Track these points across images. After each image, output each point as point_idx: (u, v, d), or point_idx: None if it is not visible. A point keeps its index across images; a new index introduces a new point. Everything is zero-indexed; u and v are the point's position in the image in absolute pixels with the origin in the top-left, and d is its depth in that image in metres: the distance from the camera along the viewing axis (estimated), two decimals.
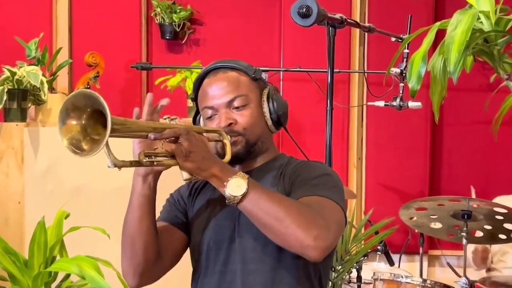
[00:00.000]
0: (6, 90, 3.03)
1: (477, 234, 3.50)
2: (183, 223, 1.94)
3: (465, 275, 3.35)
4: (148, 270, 1.83)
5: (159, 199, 1.85)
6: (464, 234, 3.38)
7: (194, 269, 1.94)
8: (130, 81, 4.21)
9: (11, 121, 3.07)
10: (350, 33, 4.34)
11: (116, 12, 4.26)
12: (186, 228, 1.94)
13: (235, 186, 1.65)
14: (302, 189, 1.77)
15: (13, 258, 2.61)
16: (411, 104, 3.17)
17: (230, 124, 1.85)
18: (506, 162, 4.49)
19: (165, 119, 1.72)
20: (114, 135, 1.55)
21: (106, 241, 2.57)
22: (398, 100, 3.17)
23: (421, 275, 3.91)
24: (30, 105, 3.18)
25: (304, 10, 2.40)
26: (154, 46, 4.34)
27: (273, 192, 1.73)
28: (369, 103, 3.42)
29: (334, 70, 2.67)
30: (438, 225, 3.56)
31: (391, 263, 3.57)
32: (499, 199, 4.03)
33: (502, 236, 3.45)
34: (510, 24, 1.64)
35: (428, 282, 3.34)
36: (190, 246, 1.94)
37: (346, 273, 3.25)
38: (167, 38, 4.28)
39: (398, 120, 4.31)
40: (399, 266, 3.90)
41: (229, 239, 1.84)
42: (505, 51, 1.70)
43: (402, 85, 3.18)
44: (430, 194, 4.41)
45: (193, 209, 1.94)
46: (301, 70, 3.49)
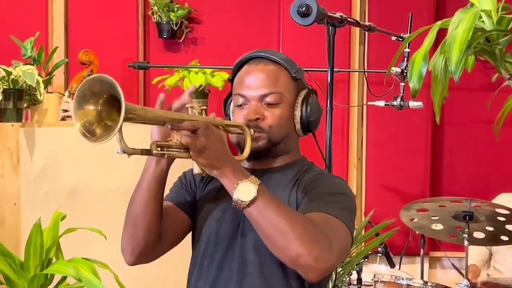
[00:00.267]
0: (1, 90, 3.01)
1: (478, 235, 3.48)
2: (190, 206, 1.90)
3: (466, 277, 3.34)
4: (146, 250, 1.81)
5: (168, 184, 1.82)
6: (465, 235, 3.36)
7: (192, 255, 1.91)
8: (127, 80, 4.18)
9: (7, 121, 3.05)
10: (350, 32, 4.32)
11: (112, 10, 4.24)
12: (192, 211, 1.91)
13: (245, 191, 1.62)
14: (314, 203, 1.73)
15: (8, 260, 2.60)
16: (412, 104, 3.15)
17: (257, 119, 1.82)
18: (508, 163, 4.47)
19: (202, 110, 1.68)
20: (130, 122, 1.51)
21: (103, 242, 2.56)
22: (398, 99, 3.15)
23: (422, 277, 3.89)
24: (26, 105, 3.15)
25: (303, 9, 2.38)
26: (151, 45, 4.32)
27: (282, 203, 1.68)
28: (369, 103, 3.40)
29: (334, 70, 2.64)
30: (439, 226, 3.55)
31: (392, 265, 3.55)
32: (502, 196, 4.02)
33: (504, 237, 3.44)
34: None
35: (429, 284, 3.33)
36: (192, 231, 1.91)
37: (347, 275, 3.23)
38: (165, 37, 4.26)
39: (399, 120, 4.29)
40: (400, 268, 3.89)
41: (230, 237, 1.81)
42: (507, 51, 1.70)
43: (402, 84, 3.15)
44: (431, 195, 4.39)
45: (202, 194, 1.91)
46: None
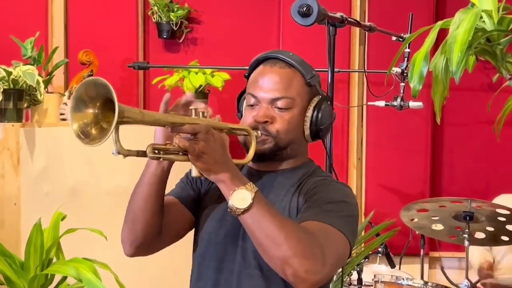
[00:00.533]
0: (1, 90, 3.00)
1: (479, 235, 3.48)
2: (194, 203, 1.90)
3: (467, 277, 3.34)
4: (146, 244, 1.81)
5: (169, 182, 1.80)
6: (466, 235, 3.36)
7: (193, 253, 1.91)
8: (127, 80, 4.18)
9: (7, 121, 3.04)
10: (350, 32, 4.32)
11: (112, 11, 4.24)
12: (196, 209, 1.90)
13: (240, 198, 1.62)
14: (313, 211, 1.71)
15: (9, 260, 2.61)
16: (412, 104, 3.15)
17: (266, 121, 1.81)
18: (508, 163, 4.46)
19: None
20: (129, 125, 1.50)
21: (103, 242, 2.55)
22: (398, 100, 3.14)
23: (422, 277, 3.89)
24: (26, 105, 3.15)
25: (304, 9, 2.37)
26: (151, 45, 4.32)
27: (277, 212, 1.67)
28: (369, 103, 3.39)
29: (334, 70, 2.64)
30: (439, 226, 3.55)
31: (392, 265, 3.55)
32: (502, 197, 4.01)
33: (505, 237, 3.43)
34: None
35: (429, 284, 3.32)
36: (195, 228, 1.91)
37: (347, 275, 3.23)
38: (164, 37, 4.26)
39: (399, 120, 4.29)
40: (400, 268, 3.88)
41: (231, 237, 1.81)
42: (508, 51, 1.70)
43: (403, 84, 3.15)
44: (431, 195, 4.39)
45: (207, 192, 1.90)
46: None
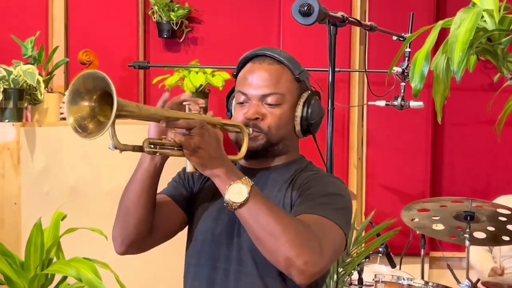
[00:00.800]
0: (2, 89, 3.00)
1: (480, 235, 3.47)
2: (187, 202, 1.89)
3: (467, 277, 3.33)
4: (137, 242, 1.80)
5: (162, 180, 1.80)
6: (466, 235, 3.36)
7: (187, 253, 1.90)
8: (127, 80, 4.18)
9: (7, 121, 3.04)
10: (351, 31, 4.31)
11: (113, 10, 4.24)
12: (188, 208, 1.89)
13: (236, 192, 1.62)
14: (307, 204, 1.72)
15: (9, 260, 2.61)
16: (413, 103, 3.14)
17: (257, 118, 1.81)
18: (509, 163, 4.46)
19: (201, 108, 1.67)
20: (125, 119, 1.51)
21: (103, 242, 2.54)
22: (399, 99, 3.14)
23: (422, 277, 3.89)
24: (26, 104, 3.15)
25: (305, 8, 2.37)
26: (152, 45, 4.32)
27: (274, 205, 1.67)
28: (370, 103, 3.39)
29: (335, 69, 2.64)
30: (440, 226, 3.55)
31: (393, 265, 3.55)
32: (502, 199, 4.01)
33: (506, 237, 3.43)
34: None
35: (430, 284, 3.32)
36: (188, 227, 1.90)
37: (347, 275, 3.22)
38: (165, 36, 4.26)
39: (399, 120, 4.29)
40: (401, 268, 3.88)
41: (227, 236, 1.81)
42: (509, 50, 1.69)
43: (403, 84, 3.14)
44: (431, 195, 4.38)
45: (200, 191, 1.90)
46: None
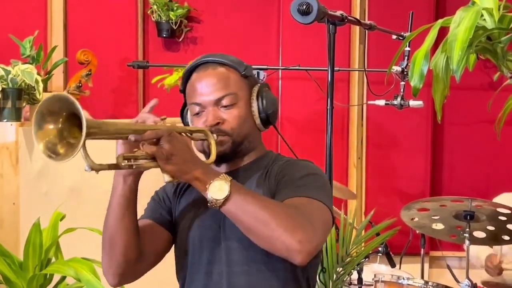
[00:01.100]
0: (0, 89, 2.99)
1: (480, 235, 3.47)
2: (168, 222, 1.90)
3: (467, 277, 3.33)
4: (128, 270, 1.80)
5: (140, 199, 1.80)
6: (466, 235, 3.35)
7: (178, 268, 1.91)
8: (126, 79, 4.19)
9: (6, 120, 3.03)
10: (350, 30, 4.31)
11: (112, 9, 4.24)
12: (171, 226, 1.90)
13: (217, 190, 1.63)
14: (287, 189, 1.74)
15: (7, 260, 2.60)
16: (412, 103, 3.14)
17: (218, 123, 1.81)
18: (508, 162, 4.46)
19: (163, 119, 1.69)
20: (93, 138, 1.53)
21: None
22: (399, 99, 3.14)
23: (422, 277, 3.89)
24: (24, 104, 3.14)
25: (304, 7, 2.36)
26: (151, 44, 4.33)
27: (257, 194, 1.70)
28: (369, 102, 3.39)
29: (334, 69, 2.63)
30: (440, 226, 3.54)
31: (393, 265, 3.54)
32: (503, 196, 4.00)
33: (506, 237, 3.42)
34: None
35: (430, 284, 3.32)
36: (175, 245, 1.90)
37: (347, 275, 3.21)
38: (164, 36, 4.26)
39: (399, 119, 4.28)
40: (400, 268, 3.87)
41: (214, 240, 1.81)
42: (508, 49, 1.69)
43: (403, 83, 3.14)
44: (431, 194, 4.39)
45: (178, 207, 1.91)
46: (300, 68, 3.45)
